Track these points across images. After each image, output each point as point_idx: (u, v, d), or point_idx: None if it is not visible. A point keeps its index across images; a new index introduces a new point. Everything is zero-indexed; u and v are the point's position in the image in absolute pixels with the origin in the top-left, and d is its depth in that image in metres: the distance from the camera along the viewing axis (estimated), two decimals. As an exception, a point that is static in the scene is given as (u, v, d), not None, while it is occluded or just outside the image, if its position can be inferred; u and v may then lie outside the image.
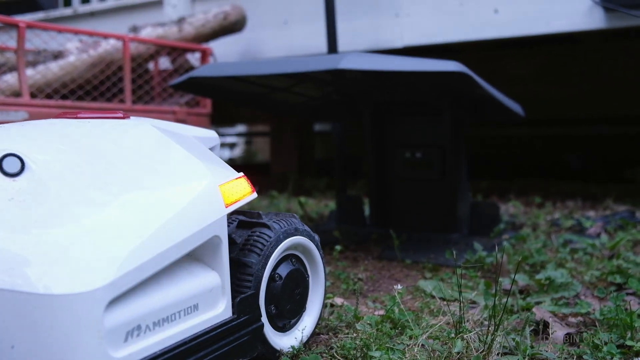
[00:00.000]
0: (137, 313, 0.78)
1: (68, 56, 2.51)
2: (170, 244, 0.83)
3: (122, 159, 0.94)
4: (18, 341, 0.71)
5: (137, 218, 0.83)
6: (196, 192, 0.93)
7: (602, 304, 1.35)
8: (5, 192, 0.80)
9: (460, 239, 2.07)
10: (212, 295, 0.92)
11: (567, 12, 2.60)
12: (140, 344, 0.79)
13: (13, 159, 0.83)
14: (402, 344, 1.15)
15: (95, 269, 0.73)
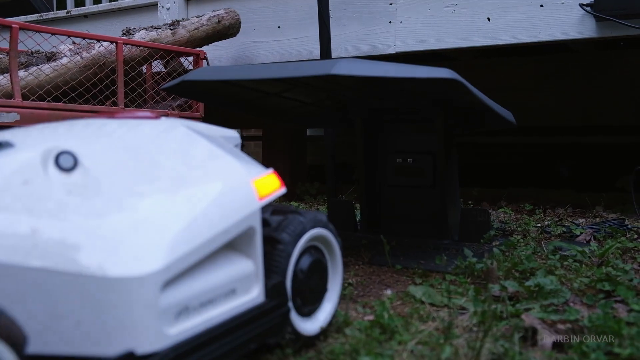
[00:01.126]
0: (185, 295, 0.87)
1: (61, 58, 2.50)
2: (213, 233, 0.93)
3: (163, 156, 1.04)
4: (83, 319, 0.78)
5: (184, 209, 0.92)
6: (233, 186, 1.04)
7: (591, 311, 1.36)
8: (63, 185, 0.87)
9: (451, 245, 2.07)
10: (247, 281, 1.02)
11: (558, 21, 2.62)
12: (188, 323, 0.87)
13: (67, 155, 0.90)
14: (391, 349, 1.15)
15: (151, 254, 0.82)
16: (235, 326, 0.96)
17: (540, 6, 2.65)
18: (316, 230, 1.20)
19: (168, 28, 2.90)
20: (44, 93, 2.35)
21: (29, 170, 0.86)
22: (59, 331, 0.78)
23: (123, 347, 0.78)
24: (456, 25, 2.83)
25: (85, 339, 0.78)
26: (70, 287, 0.78)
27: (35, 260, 0.78)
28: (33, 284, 0.77)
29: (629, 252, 2.00)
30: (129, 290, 0.79)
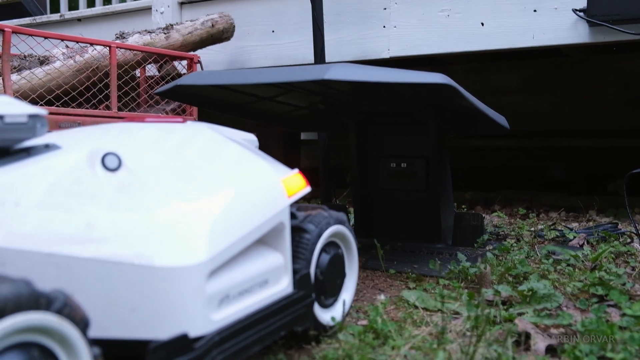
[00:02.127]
0: (226, 284, 0.95)
1: (54, 62, 2.49)
2: (249, 228, 1.01)
3: (197, 157, 1.13)
4: (138, 306, 0.84)
5: (223, 206, 0.99)
6: (265, 185, 1.13)
7: (584, 316, 1.36)
8: (111, 184, 0.95)
9: (444, 250, 2.08)
10: (277, 273, 1.10)
11: (552, 26, 2.63)
12: (228, 310, 0.95)
13: (112, 156, 0.98)
14: (384, 354, 1.15)
15: (197, 246, 0.89)
16: (268, 314, 1.04)
17: (533, 11, 2.66)
18: (337, 227, 1.29)
19: (162, 32, 2.89)
20: (37, 97, 2.35)
21: (78, 170, 0.94)
22: (115, 317, 0.84)
23: (176, 331, 0.85)
24: (450, 30, 2.83)
25: (140, 324, 0.84)
26: (125, 277, 0.84)
27: (92, 252, 0.84)
28: (90, 273, 0.84)
29: (622, 256, 2.00)
30: (180, 279, 0.86)
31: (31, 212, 0.87)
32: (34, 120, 0.96)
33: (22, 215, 0.86)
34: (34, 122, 0.96)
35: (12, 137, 0.93)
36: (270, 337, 1.05)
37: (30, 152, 0.96)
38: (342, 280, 1.34)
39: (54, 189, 0.90)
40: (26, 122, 0.95)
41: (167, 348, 0.83)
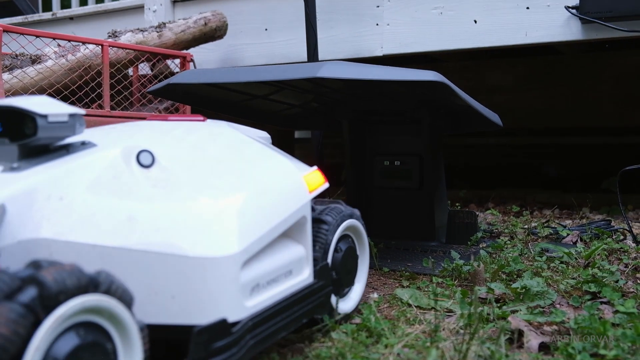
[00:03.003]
0: (257, 274, 1.02)
1: (46, 61, 2.48)
2: (276, 222, 1.08)
3: (223, 153, 1.20)
4: (177, 293, 0.90)
5: (253, 201, 1.06)
6: (289, 181, 1.20)
7: (577, 313, 1.36)
8: (146, 179, 1.01)
9: (438, 247, 2.08)
10: (300, 264, 1.17)
11: (544, 24, 2.63)
12: (259, 298, 1.02)
13: (146, 153, 1.05)
14: (377, 353, 1.15)
15: (232, 238, 0.96)
16: (292, 302, 1.11)
17: (526, 8, 2.66)
18: (351, 221, 1.37)
19: (154, 30, 2.88)
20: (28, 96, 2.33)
21: (115, 166, 1.01)
22: (156, 304, 0.90)
23: (216, 316, 0.92)
24: (443, 28, 2.83)
25: (180, 311, 0.90)
26: (166, 267, 0.90)
27: (134, 243, 0.90)
28: (133, 263, 0.90)
29: (615, 254, 2.01)
30: (218, 268, 0.93)
31: (75, 206, 0.93)
32: (74, 119, 1.02)
33: (67, 209, 0.92)
34: (73, 121, 1.02)
35: (55, 135, 0.99)
36: (294, 324, 1.12)
37: (69, 150, 1.03)
38: (355, 271, 1.42)
39: (94, 184, 0.97)
40: (67, 121, 1.01)
41: (209, 332, 0.90)
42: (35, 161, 0.98)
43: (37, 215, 0.91)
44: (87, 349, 0.75)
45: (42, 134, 0.96)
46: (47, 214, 0.91)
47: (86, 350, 0.74)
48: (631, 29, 2.42)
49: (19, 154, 0.98)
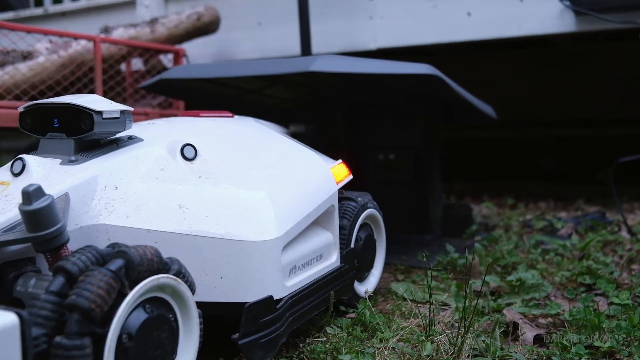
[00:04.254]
0: (294, 257, 1.11)
1: (37, 57, 2.46)
2: (309, 210, 1.17)
3: (256, 147, 1.29)
4: (226, 273, 1.00)
5: (289, 190, 1.15)
6: (318, 172, 1.30)
7: (572, 305, 1.36)
8: (191, 171, 1.11)
9: (433, 241, 2.07)
10: (328, 249, 1.27)
11: (538, 15, 2.62)
12: (296, 279, 1.12)
13: (190, 147, 1.14)
14: (372, 347, 1.14)
15: (274, 224, 1.05)
16: (323, 284, 1.21)
17: (520, 1, 2.65)
18: (370, 210, 1.47)
19: (147, 25, 2.86)
20: (20, 93, 2.32)
21: (163, 159, 1.11)
22: (205, 284, 0.99)
23: (263, 294, 1.01)
24: (437, 21, 2.82)
25: (228, 289, 1.00)
26: (215, 250, 1.00)
27: (186, 228, 1.00)
28: (185, 247, 0.99)
29: (609, 245, 2.01)
30: (262, 251, 1.02)
31: (129, 195, 1.03)
32: (124, 116, 1.10)
33: (122, 198, 1.03)
34: (124, 118, 1.10)
35: (108, 131, 1.08)
36: (324, 303, 1.22)
37: (119, 144, 1.12)
38: (373, 257, 1.51)
39: (145, 175, 1.07)
40: (119, 117, 1.09)
41: (258, 307, 1.00)
42: (90, 154, 1.07)
43: (96, 203, 1.02)
44: (158, 319, 0.86)
45: (97, 129, 1.05)
46: (105, 202, 1.02)
47: (157, 320, 0.86)
48: (625, 21, 2.41)
49: (75, 147, 1.07)
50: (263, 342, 1.00)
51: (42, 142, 1.10)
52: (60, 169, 1.03)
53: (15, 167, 1.03)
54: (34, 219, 0.86)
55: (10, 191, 0.98)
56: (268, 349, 1.02)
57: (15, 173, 1.03)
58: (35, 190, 0.86)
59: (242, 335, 0.97)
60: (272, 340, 1.02)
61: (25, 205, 0.86)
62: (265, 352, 1.01)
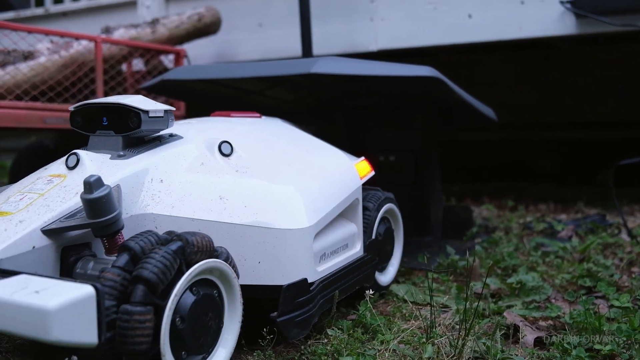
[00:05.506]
0: (323, 245, 1.21)
1: (39, 57, 2.46)
2: (337, 203, 1.26)
3: (287, 144, 1.40)
4: (262, 258, 1.09)
5: (319, 183, 1.25)
6: (344, 168, 1.40)
7: (572, 308, 1.36)
8: (229, 166, 1.20)
9: (434, 243, 2.07)
10: (353, 239, 1.36)
11: (539, 18, 2.62)
12: (325, 265, 1.21)
13: (226, 144, 1.24)
14: (373, 349, 1.14)
15: (306, 214, 1.14)
16: (348, 271, 1.30)
17: (520, 3, 2.65)
18: (389, 205, 1.57)
19: (148, 26, 2.87)
20: (21, 93, 2.32)
21: (202, 155, 1.20)
22: (244, 268, 1.08)
23: (299, 277, 1.11)
24: (437, 22, 2.82)
25: (265, 273, 1.09)
26: (253, 237, 1.09)
27: (227, 218, 1.09)
28: (225, 234, 1.08)
29: (610, 248, 2.01)
30: (297, 238, 1.11)
31: (174, 187, 1.13)
32: (167, 115, 1.20)
33: (167, 189, 1.13)
34: (167, 116, 1.20)
35: (153, 128, 1.18)
36: (349, 290, 1.31)
37: (162, 141, 1.22)
38: (391, 249, 1.61)
39: (187, 169, 1.17)
40: (163, 116, 1.18)
41: (294, 288, 1.09)
42: (137, 150, 1.17)
43: (144, 194, 1.11)
44: (207, 297, 0.96)
45: (144, 126, 1.15)
46: (152, 193, 1.12)
47: (206, 298, 0.96)
48: (625, 23, 2.42)
49: (123, 144, 1.17)
50: (298, 321, 1.10)
51: (92, 139, 1.20)
52: (111, 163, 1.12)
53: (70, 161, 1.14)
54: (95, 206, 0.96)
55: (68, 182, 1.08)
56: (303, 327, 1.11)
57: (70, 167, 1.13)
58: (96, 181, 0.96)
59: (280, 314, 1.06)
60: (306, 319, 1.11)
61: (87, 194, 0.95)
62: (300, 330, 1.10)
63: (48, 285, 0.79)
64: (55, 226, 0.99)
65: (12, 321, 0.77)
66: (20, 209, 1.02)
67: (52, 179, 1.11)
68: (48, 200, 1.04)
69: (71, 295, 0.77)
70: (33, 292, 0.77)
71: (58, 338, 0.75)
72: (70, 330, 0.76)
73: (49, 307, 0.74)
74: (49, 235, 0.99)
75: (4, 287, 0.80)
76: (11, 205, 1.04)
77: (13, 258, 0.94)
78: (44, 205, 1.03)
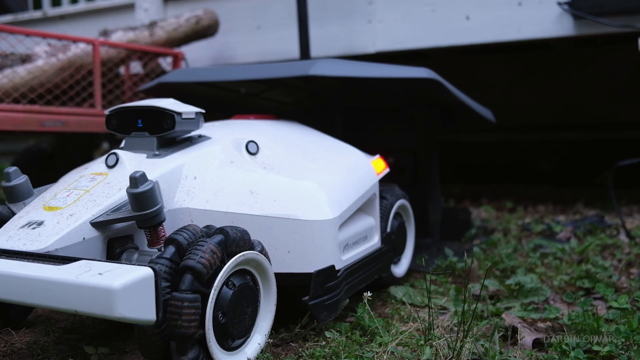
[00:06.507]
0: (346, 236, 1.29)
1: (36, 60, 2.46)
2: (357, 197, 1.34)
3: (306, 143, 1.48)
4: (292, 248, 1.17)
5: (340, 179, 1.33)
6: (363, 165, 1.47)
7: (571, 309, 1.36)
8: (256, 164, 1.29)
9: (432, 244, 2.07)
10: (372, 231, 1.45)
11: (537, 19, 2.63)
12: (348, 254, 1.30)
13: (253, 143, 1.33)
14: (371, 351, 1.14)
15: (331, 206, 1.22)
16: (368, 261, 1.39)
17: (518, 4, 2.66)
18: (402, 201, 1.66)
19: (146, 29, 2.86)
20: (19, 96, 2.32)
21: (231, 153, 1.29)
22: (275, 257, 1.16)
23: (327, 264, 1.19)
24: (435, 24, 2.83)
25: (295, 262, 1.17)
26: (283, 228, 1.17)
27: (258, 210, 1.17)
28: (257, 226, 1.16)
29: (608, 249, 2.01)
30: (324, 228, 1.19)
31: (207, 183, 1.21)
32: (198, 117, 1.28)
33: (201, 185, 1.21)
34: (198, 118, 1.28)
35: (186, 129, 1.26)
36: (369, 279, 1.40)
37: (192, 141, 1.30)
38: (404, 243, 1.69)
39: (218, 166, 1.25)
40: (194, 118, 1.27)
41: (324, 274, 1.18)
42: (170, 149, 1.25)
43: (179, 190, 1.20)
44: (246, 286, 1.06)
45: (178, 127, 1.24)
46: (187, 189, 1.20)
47: (245, 287, 1.05)
48: (623, 25, 2.42)
49: (157, 144, 1.25)
50: (328, 304, 1.18)
51: (127, 140, 1.29)
52: (148, 162, 1.21)
53: (110, 161, 1.22)
54: (140, 200, 1.04)
55: (110, 180, 1.16)
56: (331, 310, 1.20)
57: (110, 165, 1.21)
58: (141, 176, 1.04)
59: (311, 297, 1.15)
60: (334, 303, 1.20)
61: (133, 188, 1.04)
62: (329, 313, 1.19)
63: (109, 268, 0.87)
64: (103, 219, 1.07)
65: (79, 301, 0.84)
66: (69, 204, 1.11)
67: (94, 177, 1.19)
68: (94, 195, 1.12)
69: (133, 275, 0.85)
70: (97, 274, 0.85)
71: (122, 314, 0.83)
72: (132, 307, 0.84)
73: (114, 287, 0.82)
74: (97, 228, 1.07)
75: (68, 271, 0.88)
76: (60, 201, 1.12)
77: (66, 248, 1.02)
78: (91, 200, 1.11)
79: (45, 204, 1.13)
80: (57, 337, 1.26)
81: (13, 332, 1.27)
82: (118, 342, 1.23)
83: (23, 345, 1.20)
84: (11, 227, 1.09)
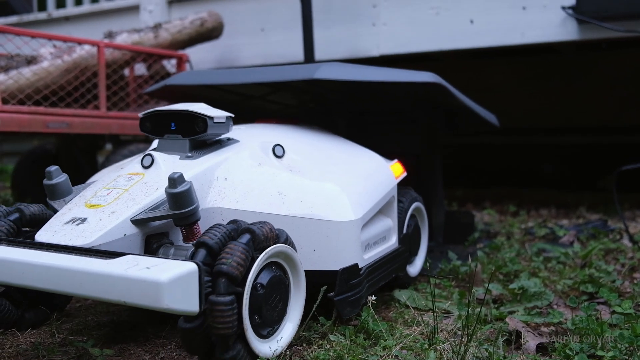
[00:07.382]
0: (367, 236, 1.35)
1: (41, 62, 2.47)
2: (377, 199, 1.40)
3: (328, 147, 1.55)
4: (317, 247, 1.23)
5: (362, 182, 1.39)
6: (382, 169, 1.53)
7: (574, 314, 1.36)
8: (283, 166, 1.35)
9: (435, 248, 2.07)
10: (389, 232, 1.51)
11: (541, 23, 2.63)
12: (369, 254, 1.36)
13: (279, 147, 1.39)
14: (375, 355, 1.14)
15: (354, 208, 1.27)
16: (387, 261, 1.45)
17: (522, 9, 2.66)
18: (417, 204, 1.71)
19: (150, 31, 2.87)
20: (24, 97, 2.33)
21: (258, 156, 1.35)
22: (302, 256, 1.20)
23: (350, 262, 1.25)
24: (439, 28, 2.83)
25: (320, 260, 1.23)
26: (308, 228, 1.22)
27: (285, 211, 1.23)
28: (284, 225, 1.20)
29: (611, 253, 2.01)
30: (348, 228, 1.25)
31: (237, 184, 1.27)
32: (228, 120, 1.34)
33: (231, 186, 1.27)
34: (228, 122, 1.34)
35: (217, 132, 1.32)
36: (387, 277, 1.46)
37: (222, 143, 1.35)
38: (419, 244, 1.74)
39: (247, 168, 1.30)
40: (224, 122, 1.32)
41: (348, 272, 1.24)
42: (202, 152, 1.31)
43: (211, 190, 1.26)
44: (276, 279, 1.10)
45: (210, 131, 1.29)
46: (218, 190, 1.26)
47: (276, 279, 1.10)
48: (627, 29, 2.42)
49: (190, 146, 1.31)
50: (351, 300, 1.24)
51: (160, 142, 1.34)
52: (182, 163, 1.27)
53: (145, 162, 1.28)
54: (178, 199, 1.10)
55: (147, 179, 1.22)
56: (354, 306, 1.26)
57: (146, 166, 1.27)
58: (179, 177, 1.10)
59: (337, 293, 1.21)
60: (357, 299, 1.26)
61: (172, 189, 1.10)
62: (352, 309, 1.25)
63: (156, 263, 0.92)
64: (143, 216, 1.13)
65: (128, 293, 0.89)
66: (110, 202, 1.17)
67: (132, 177, 1.24)
68: (133, 194, 1.18)
69: (179, 270, 0.90)
70: (144, 268, 0.90)
71: (168, 306, 0.88)
72: (178, 299, 0.89)
73: (162, 280, 0.87)
74: (137, 225, 1.13)
75: (117, 265, 0.92)
76: (101, 199, 1.18)
77: (109, 243, 1.08)
78: (130, 199, 1.16)
79: (87, 201, 1.19)
80: (62, 338, 1.26)
81: (18, 334, 1.27)
82: (123, 344, 1.23)
83: (28, 347, 1.21)
84: (56, 223, 1.14)
